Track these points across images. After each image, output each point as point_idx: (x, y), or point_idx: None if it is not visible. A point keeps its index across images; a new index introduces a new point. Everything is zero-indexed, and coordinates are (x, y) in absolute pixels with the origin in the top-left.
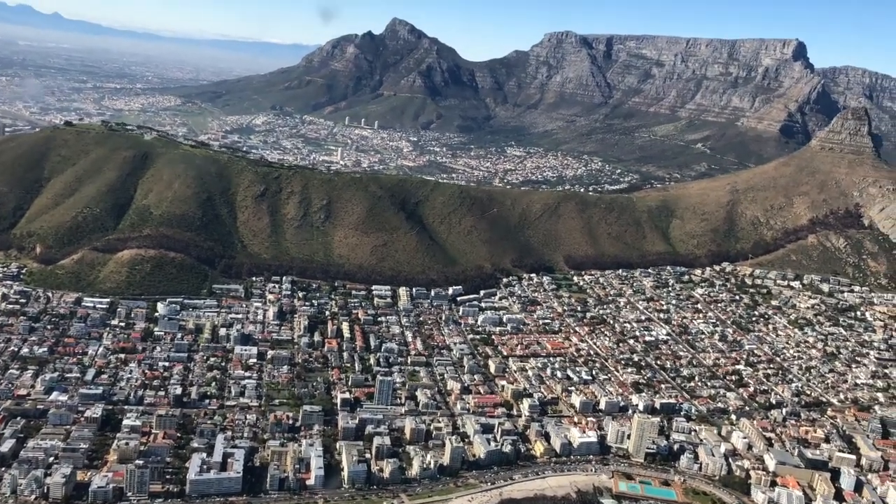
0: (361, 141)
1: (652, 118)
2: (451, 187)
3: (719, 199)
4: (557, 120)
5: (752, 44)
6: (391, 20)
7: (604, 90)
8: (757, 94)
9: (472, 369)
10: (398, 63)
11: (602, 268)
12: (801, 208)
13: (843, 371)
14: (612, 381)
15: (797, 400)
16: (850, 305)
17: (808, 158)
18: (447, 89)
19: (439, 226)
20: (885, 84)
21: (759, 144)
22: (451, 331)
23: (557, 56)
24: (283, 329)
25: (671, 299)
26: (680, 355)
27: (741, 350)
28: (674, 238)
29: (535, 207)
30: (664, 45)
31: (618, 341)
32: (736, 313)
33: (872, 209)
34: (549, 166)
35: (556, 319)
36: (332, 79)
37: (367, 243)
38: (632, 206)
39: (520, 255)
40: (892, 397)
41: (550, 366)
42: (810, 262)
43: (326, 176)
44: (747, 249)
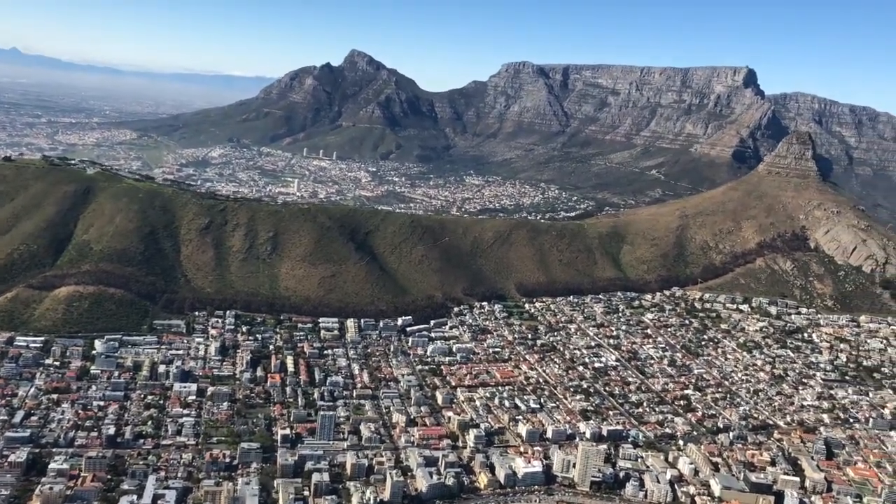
0: (319, 172)
1: (608, 146)
2: (402, 216)
3: (669, 224)
4: (516, 149)
5: (705, 72)
6: (350, 51)
7: (561, 119)
8: (710, 120)
9: (418, 401)
10: (357, 94)
11: (553, 294)
12: (749, 232)
13: (790, 393)
14: (561, 408)
15: (744, 423)
16: (797, 327)
17: (755, 183)
18: (406, 119)
19: (390, 255)
20: (833, 110)
21: (713, 170)
22: (399, 362)
23: (515, 86)
24: (226, 364)
25: (621, 325)
26: (629, 381)
27: (690, 374)
28: (624, 264)
29: (487, 235)
30: (619, 73)
31: (567, 368)
32: (685, 338)
33: (818, 232)
34: (507, 194)
35: (507, 348)
36: (291, 110)
37: (314, 275)
38: (583, 233)
39: (471, 284)
40: (836, 418)
41: (499, 395)
42: (758, 285)
43: (273, 207)
44: (697, 274)
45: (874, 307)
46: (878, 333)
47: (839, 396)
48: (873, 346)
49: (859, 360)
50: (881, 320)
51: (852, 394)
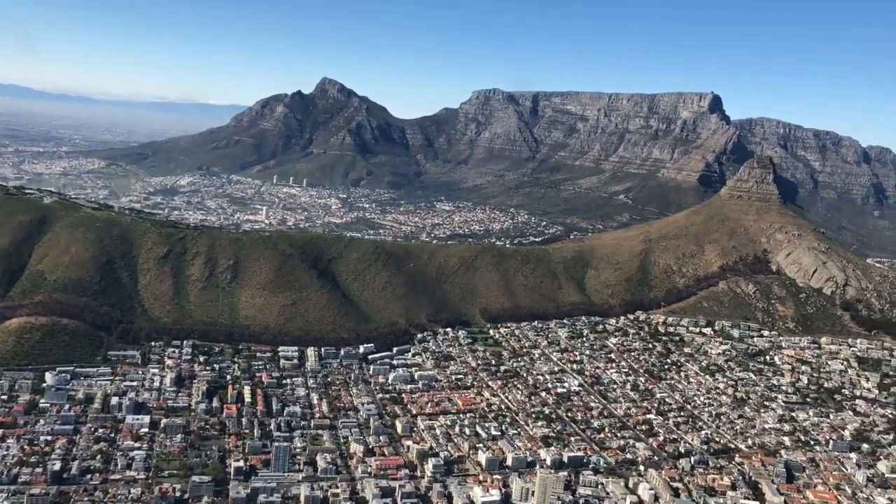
0: (289, 199)
1: (577, 171)
2: (366, 243)
3: (633, 248)
4: (487, 175)
5: (671, 97)
6: (321, 79)
7: (531, 145)
8: (676, 145)
9: (377, 430)
10: (328, 121)
11: (518, 320)
12: (712, 255)
13: (751, 416)
14: (522, 435)
15: (706, 447)
16: (759, 350)
17: (717, 207)
18: (377, 146)
19: (353, 282)
20: (797, 134)
21: (679, 194)
22: (359, 391)
23: (486, 112)
24: (181, 395)
25: (585, 349)
26: (591, 406)
27: (653, 399)
28: (589, 288)
29: (453, 261)
30: (588, 100)
31: (530, 394)
32: (649, 362)
33: (779, 255)
34: (477, 220)
35: (470, 374)
36: (261, 138)
37: (274, 303)
38: (548, 258)
39: (436, 310)
40: (797, 441)
41: (460, 423)
42: (721, 309)
43: (234, 235)
44: (660, 297)
45: (835, 329)
46: (839, 355)
47: (800, 419)
48: (834, 367)
49: (820, 382)
50: (842, 342)
51: (813, 416)
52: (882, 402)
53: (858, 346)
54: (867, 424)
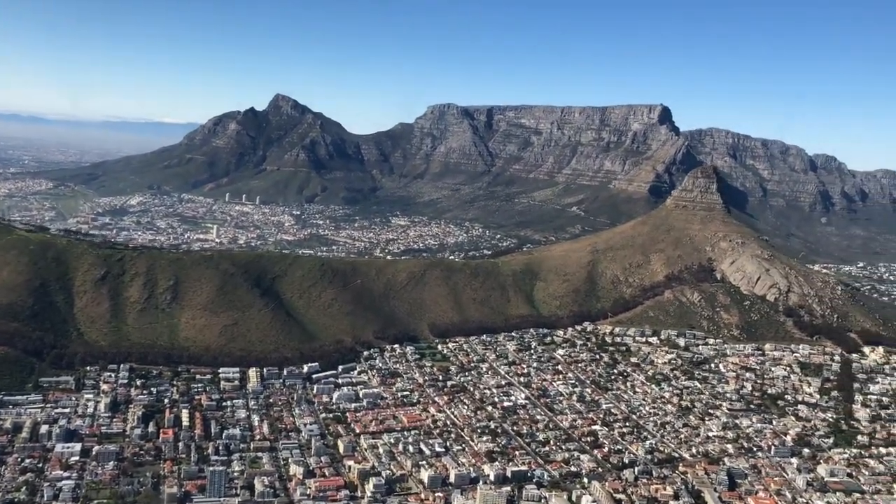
0: (242, 217)
1: (532, 184)
2: (312, 260)
3: (580, 259)
4: (443, 189)
5: (622, 110)
6: (274, 96)
7: (486, 159)
8: (627, 157)
9: (318, 451)
10: (282, 138)
11: (467, 334)
12: (658, 265)
13: (696, 425)
14: (466, 451)
15: (650, 457)
16: (704, 358)
17: (663, 217)
18: (332, 162)
19: (298, 300)
20: (746, 144)
21: (630, 205)
22: (302, 411)
23: (441, 127)
24: (116, 421)
25: (533, 362)
26: (537, 419)
27: (598, 410)
28: (538, 300)
29: (401, 276)
30: (541, 113)
31: (476, 409)
32: (596, 372)
33: (724, 263)
34: (432, 234)
35: (416, 391)
36: (214, 156)
37: (216, 324)
38: (497, 271)
39: (383, 326)
40: (740, 448)
41: (404, 440)
42: (667, 318)
43: (174, 255)
44: (607, 308)
45: (778, 335)
46: (782, 361)
47: (744, 426)
48: (777, 373)
49: (764, 389)
50: (784, 348)
51: (756, 422)
52: (823, 407)
53: (801, 351)
54: (808, 429)
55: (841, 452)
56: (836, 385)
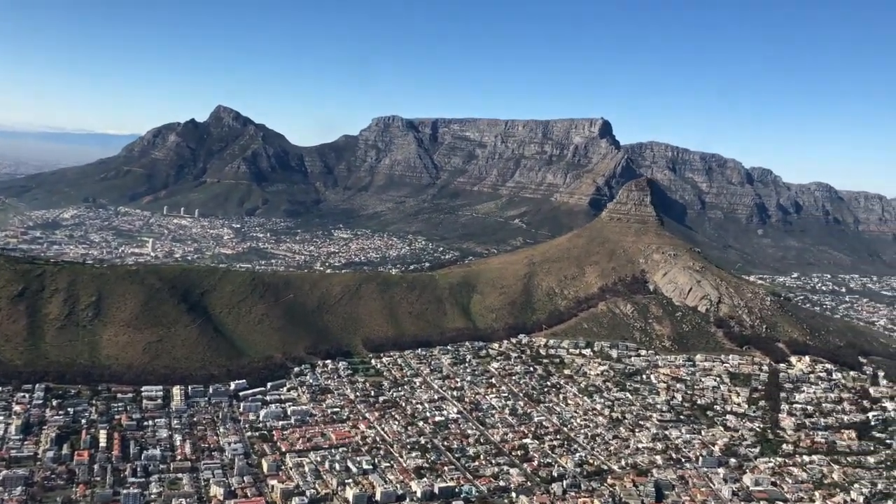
0: (180, 230)
1: (476, 197)
2: (243, 274)
3: (517, 272)
4: (387, 202)
5: (564, 123)
6: (216, 107)
7: (431, 171)
8: (569, 170)
9: (241, 471)
10: (223, 150)
11: (402, 348)
12: (593, 277)
13: (626, 436)
14: (395, 467)
15: (580, 470)
16: (636, 369)
17: (598, 229)
18: (274, 174)
19: (227, 316)
20: (685, 157)
21: (571, 218)
22: (227, 430)
23: (385, 139)
24: (28, 444)
25: (466, 376)
26: (468, 434)
27: (530, 423)
28: (474, 313)
29: (335, 290)
30: (485, 126)
31: (407, 424)
32: (529, 385)
33: (657, 275)
34: (374, 247)
35: (347, 407)
36: (153, 168)
37: (139, 340)
38: (434, 284)
39: (315, 342)
40: (669, 459)
41: (331, 458)
42: (601, 329)
43: (98, 270)
44: (543, 320)
45: (709, 346)
46: (712, 371)
47: (673, 436)
48: (707, 384)
49: (694, 399)
50: (715, 358)
51: (685, 433)
52: (751, 416)
53: (731, 362)
54: (736, 439)
55: (766, 461)
56: (764, 394)
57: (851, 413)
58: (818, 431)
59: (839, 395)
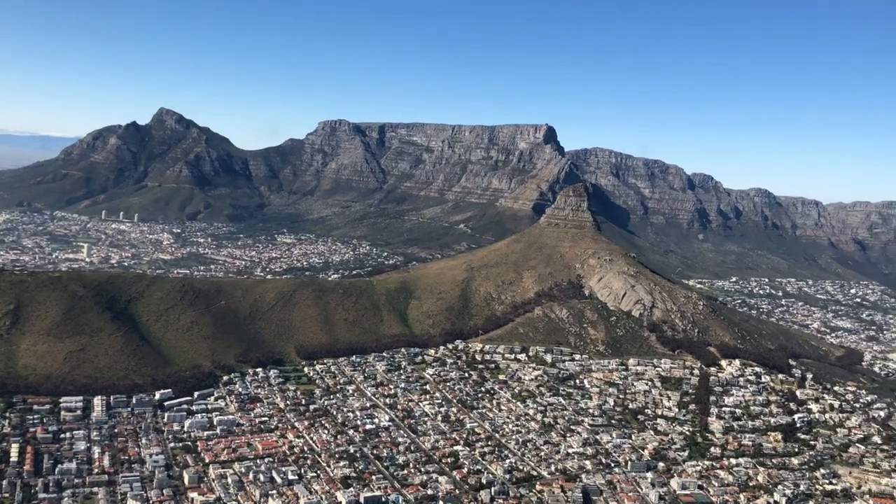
0: (118, 235)
1: (423, 201)
2: (172, 281)
3: (455, 277)
4: (333, 206)
5: (509, 129)
6: (158, 110)
7: (378, 176)
8: (514, 175)
9: (161, 483)
10: (165, 153)
11: (336, 355)
12: (529, 282)
13: (557, 442)
14: (321, 478)
15: (509, 476)
16: (570, 374)
17: (536, 234)
18: (218, 178)
19: (154, 324)
20: (629, 163)
21: (515, 223)
22: (149, 441)
23: (332, 143)
24: None
25: (400, 382)
26: (399, 441)
27: (462, 429)
28: (411, 319)
29: (269, 297)
30: (432, 131)
31: (337, 433)
32: (463, 391)
33: (592, 279)
34: (318, 252)
35: (276, 416)
36: (92, 171)
37: (60, 350)
38: (371, 290)
39: (246, 349)
40: (599, 463)
41: (255, 469)
42: (536, 334)
43: (18, 277)
44: (479, 325)
45: (642, 350)
46: (645, 376)
47: (604, 441)
48: (639, 388)
49: (626, 404)
50: (647, 362)
51: (616, 437)
52: (681, 420)
53: (663, 366)
54: (665, 443)
55: (694, 465)
56: (694, 398)
57: (778, 415)
58: (746, 434)
59: (767, 397)
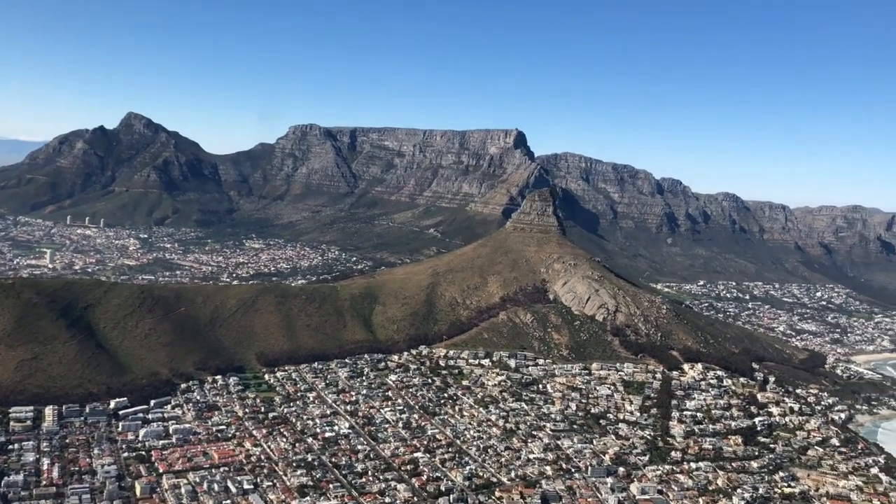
0: (83, 241)
1: (394, 206)
2: (131, 288)
3: (421, 282)
4: (303, 211)
5: (480, 134)
6: (126, 114)
7: (349, 180)
8: (484, 180)
9: (111, 495)
10: (133, 158)
11: (298, 362)
12: (495, 287)
13: (518, 447)
14: (277, 487)
15: (468, 483)
16: (533, 379)
17: (502, 239)
18: (186, 183)
19: (112, 331)
20: (598, 168)
21: (485, 227)
22: (102, 451)
23: (303, 148)
24: None
25: (362, 389)
26: (358, 449)
27: (423, 436)
28: (376, 325)
29: (230, 303)
30: (404, 136)
31: (295, 441)
32: (426, 397)
33: (557, 284)
34: (286, 257)
35: (234, 424)
36: (58, 176)
37: (11, 359)
38: (335, 295)
39: (206, 357)
40: (559, 469)
41: (210, 478)
42: (500, 339)
43: None
44: (444, 330)
45: (605, 354)
46: (607, 380)
47: (565, 446)
48: (602, 392)
49: (588, 408)
50: (610, 367)
51: (577, 443)
52: (642, 424)
53: (625, 370)
54: (627, 447)
55: (655, 469)
56: (656, 402)
57: (739, 419)
58: (706, 438)
59: (728, 401)
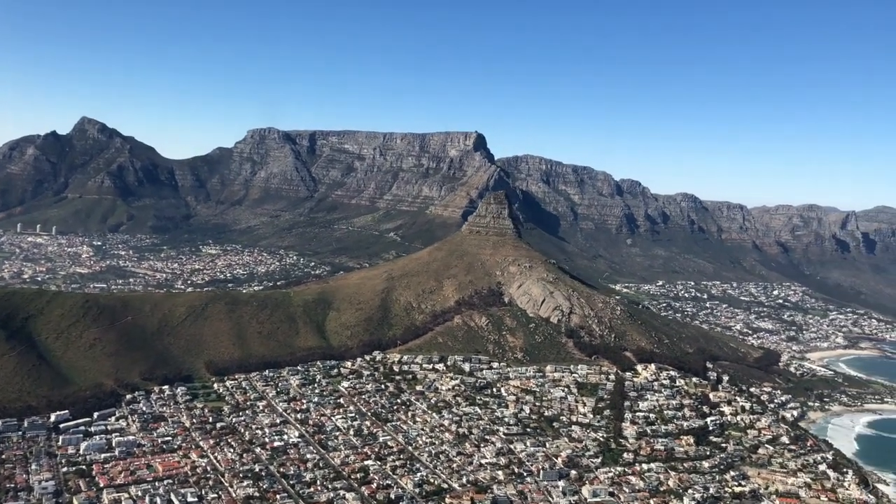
0: (34, 249)
1: (354, 210)
2: (75, 297)
3: (375, 287)
4: (262, 215)
5: (440, 137)
6: (80, 119)
7: (309, 184)
8: (444, 183)
9: None
10: (87, 163)
11: (248, 370)
12: (450, 290)
13: (470, 452)
14: (223, 498)
15: (419, 491)
16: (487, 383)
17: (458, 242)
18: (142, 189)
19: (54, 342)
20: (558, 170)
21: (445, 230)
22: (40, 466)
23: (261, 152)
24: None
25: (314, 397)
26: (307, 458)
27: (375, 443)
28: (329, 331)
29: (179, 311)
30: (364, 139)
31: (243, 451)
32: (379, 403)
33: (512, 287)
34: (242, 263)
35: (181, 435)
36: (8, 183)
37: None
38: (287, 302)
39: (153, 366)
40: (511, 473)
41: (153, 491)
42: (455, 343)
43: None
44: (398, 335)
45: (560, 356)
46: (561, 382)
47: (518, 450)
48: (556, 394)
49: (542, 411)
50: (564, 369)
51: (530, 446)
52: (595, 426)
53: (579, 371)
54: (579, 450)
55: (607, 471)
56: (609, 404)
57: (691, 419)
58: (659, 439)
59: (681, 401)
